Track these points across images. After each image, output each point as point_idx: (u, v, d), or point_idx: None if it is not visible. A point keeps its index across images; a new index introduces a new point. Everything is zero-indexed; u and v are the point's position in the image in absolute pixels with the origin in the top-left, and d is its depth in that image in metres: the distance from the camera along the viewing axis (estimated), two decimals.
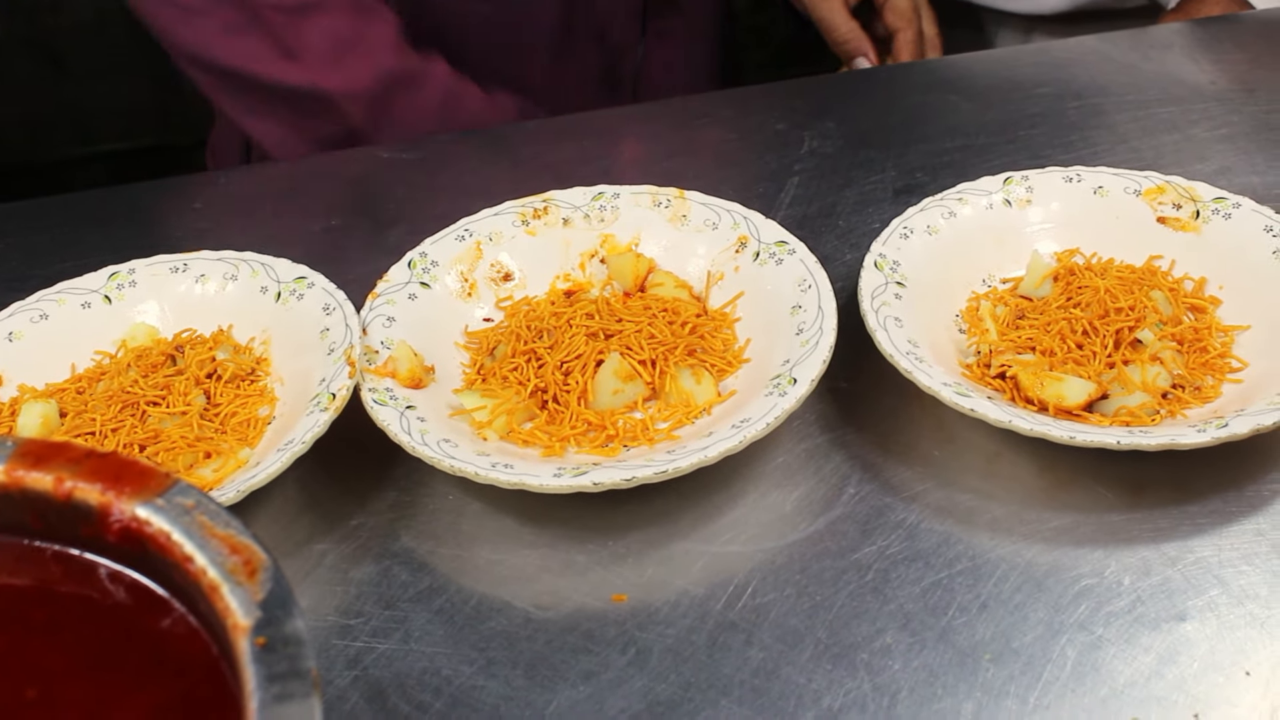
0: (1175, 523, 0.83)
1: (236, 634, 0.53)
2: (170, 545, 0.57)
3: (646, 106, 1.25)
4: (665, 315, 0.93)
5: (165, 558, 0.57)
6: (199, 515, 0.57)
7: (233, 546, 0.56)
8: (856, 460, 0.88)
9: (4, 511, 0.61)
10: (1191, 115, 1.18)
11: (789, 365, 0.87)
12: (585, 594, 0.81)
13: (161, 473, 0.59)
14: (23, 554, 0.62)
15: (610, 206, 1.01)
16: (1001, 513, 0.84)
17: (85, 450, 0.61)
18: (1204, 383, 0.90)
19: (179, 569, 0.56)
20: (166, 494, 0.58)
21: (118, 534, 0.58)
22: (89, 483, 0.59)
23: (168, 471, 0.59)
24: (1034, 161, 1.11)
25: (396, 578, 0.82)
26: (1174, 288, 0.95)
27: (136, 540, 0.58)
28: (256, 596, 0.54)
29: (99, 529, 0.59)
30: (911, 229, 0.97)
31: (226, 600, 0.54)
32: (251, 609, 0.53)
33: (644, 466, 0.81)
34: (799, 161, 1.15)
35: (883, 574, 0.81)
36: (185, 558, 0.56)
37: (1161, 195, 1.00)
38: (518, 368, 0.91)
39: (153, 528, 0.57)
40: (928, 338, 0.91)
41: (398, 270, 0.96)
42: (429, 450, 0.82)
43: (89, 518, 0.59)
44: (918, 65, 1.38)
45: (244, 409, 0.91)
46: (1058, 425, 0.83)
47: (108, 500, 0.59)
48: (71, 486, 0.59)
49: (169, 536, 0.57)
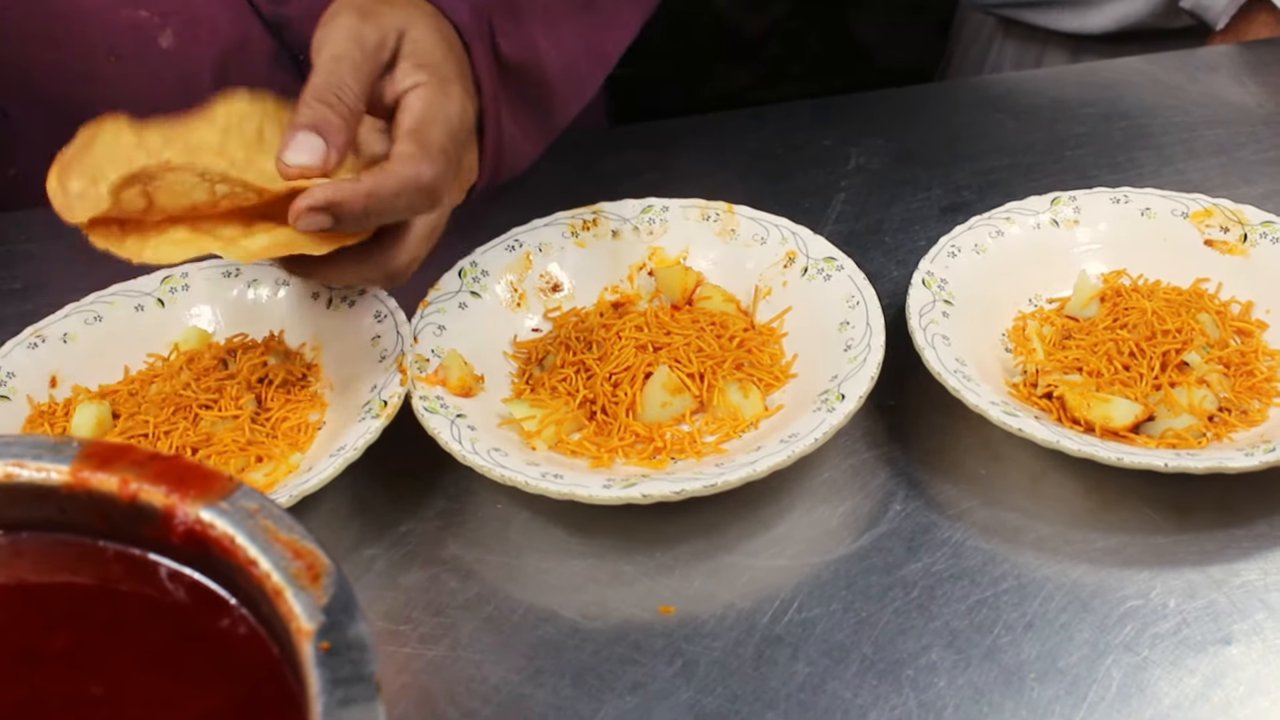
0: (1221, 546, 0.83)
1: (300, 638, 0.53)
2: (234, 548, 0.57)
3: (692, 119, 1.25)
4: (713, 329, 0.94)
5: (229, 560, 0.58)
6: (262, 519, 0.58)
7: (296, 551, 0.57)
8: (902, 477, 0.88)
9: (69, 511, 0.62)
10: (1238, 138, 1.18)
11: (837, 381, 0.88)
12: (632, 605, 0.81)
13: (225, 476, 0.60)
14: (85, 553, 0.63)
15: (659, 219, 1.02)
16: (1047, 532, 0.84)
17: (149, 453, 0.61)
18: (1250, 406, 0.90)
19: (242, 572, 0.57)
20: (230, 497, 0.59)
21: (182, 536, 0.59)
22: (154, 485, 0.60)
23: (230, 475, 0.60)
24: (1081, 182, 1.11)
25: (445, 584, 0.83)
26: (1221, 311, 0.95)
27: (200, 542, 0.59)
28: (320, 601, 0.54)
29: (163, 530, 0.60)
30: (959, 247, 0.98)
31: (290, 604, 0.55)
32: (315, 613, 0.54)
33: (693, 479, 0.81)
34: (845, 177, 1.15)
35: (928, 591, 0.81)
36: (249, 561, 0.57)
37: (1209, 218, 1.00)
38: (567, 378, 0.92)
39: (217, 530, 0.58)
40: (974, 356, 0.91)
41: (449, 279, 0.97)
42: (479, 459, 0.83)
43: (153, 519, 0.60)
44: (964, 83, 1.38)
45: (294, 414, 0.92)
46: (1105, 446, 0.83)
47: (172, 503, 0.59)
48: (137, 488, 0.60)
49: (233, 540, 0.58)
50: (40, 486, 0.61)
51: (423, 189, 0.80)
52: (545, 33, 0.96)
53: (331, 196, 0.78)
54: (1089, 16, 1.52)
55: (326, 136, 0.79)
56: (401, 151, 0.80)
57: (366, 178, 0.79)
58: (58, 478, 0.61)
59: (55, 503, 0.62)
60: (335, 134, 0.80)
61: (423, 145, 0.81)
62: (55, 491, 0.61)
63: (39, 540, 0.63)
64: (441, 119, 0.82)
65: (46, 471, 0.61)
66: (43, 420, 0.93)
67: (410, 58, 0.84)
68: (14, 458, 0.62)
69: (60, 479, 0.61)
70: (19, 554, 0.63)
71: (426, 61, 0.84)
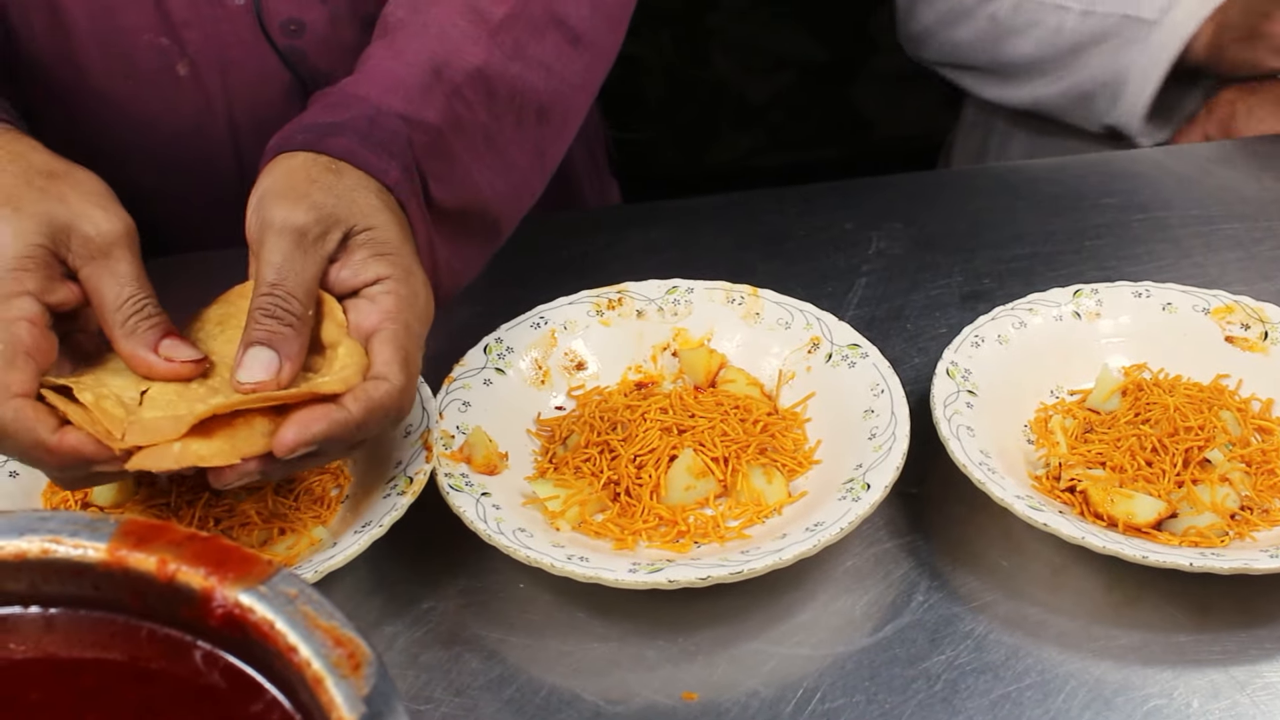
0: (1243, 646, 0.83)
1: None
2: (274, 634, 0.57)
3: (715, 198, 1.26)
4: (737, 412, 0.94)
5: (268, 646, 0.57)
6: (302, 605, 0.58)
7: (336, 639, 0.56)
8: (925, 567, 0.88)
9: (104, 589, 0.61)
10: (1255, 233, 1.19)
11: (862, 470, 0.88)
12: (655, 690, 0.81)
13: (264, 560, 0.60)
14: (119, 630, 0.62)
15: (684, 301, 1.03)
16: (1070, 627, 0.84)
17: (187, 533, 0.61)
18: (1272, 505, 0.90)
19: (281, 658, 0.57)
20: (269, 581, 0.59)
21: (220, 619, 0.59)
22: (192, 566, 0.60)
23: (270, 559, 0.60)
24: (1100, 273, 1.12)
25: (467, 665, 0.83)
26: (1242, 408, 0.96)
27: (239, 626, 0.58)
28: (361, 691, 0.54)
29: (201, 613, 0.59)
30: (983, 337, 0.98)
31: (331, 694, 0.55)
32: (356, 704, 0.54)
33: (718, 566, 0.81)
34: (867, 262, 1.16)
35: (952, 685, 0.81)
36: (289, 648, 0.57)
37: (1230, 315, 1.01)
38: (591, 458, 0.92)
39: (256, 615, 0.58)
40: (997, 446, 0.92)
41: (474, 355, 0.98)
42: (505, 539, 0.83)
43: (191, 601, 0.60)
44: (982, 170, 1.39)
45: (317, 486, 0.92)
46: (1129, 544, 0.83)
47: (210, 585, 0.59)
48: (175, 569, 0.60)
49: (272, 625, 0.57)
50: (77, 563, 0.61)
51: (402, 412, 0.81)
52: (486, 162, 0.94)
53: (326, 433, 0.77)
54: (1008, 89, 1.58)
55: (279, 349, 0.79)
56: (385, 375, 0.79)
57: (354, 407, 0.78)
58: (95, 555, 0.61)
59: (91, 580, 0.62)
60: (287, 345, 0.79)
61: (404, 366, 0.80)
62: (92, 569, 0.61)
63: (72, 617, 0.63)
64: (413, 321, 0.82)
65: (84, 548, 0.61)
66: None
67: (368, 246, 0.83)
68: (51, 534, 0.62)
69: (97, 556, 0.61)
70: (51, 629, 0.63)
71: (386, 251, 0.83)
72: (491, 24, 0.94)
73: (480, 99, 0.92)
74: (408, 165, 0.87)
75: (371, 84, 0.90)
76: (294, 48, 1.10)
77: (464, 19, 0.93)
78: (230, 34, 1.09)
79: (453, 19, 0.93)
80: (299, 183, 0.83)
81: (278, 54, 1.11)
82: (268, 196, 0.82)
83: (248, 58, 1.11)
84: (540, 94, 0.96)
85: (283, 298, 0.80)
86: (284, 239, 0.81)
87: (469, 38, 0.93)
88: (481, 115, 0.92)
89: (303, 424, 0.77)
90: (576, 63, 0.99)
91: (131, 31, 1.08)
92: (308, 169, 0.84)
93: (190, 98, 1.12)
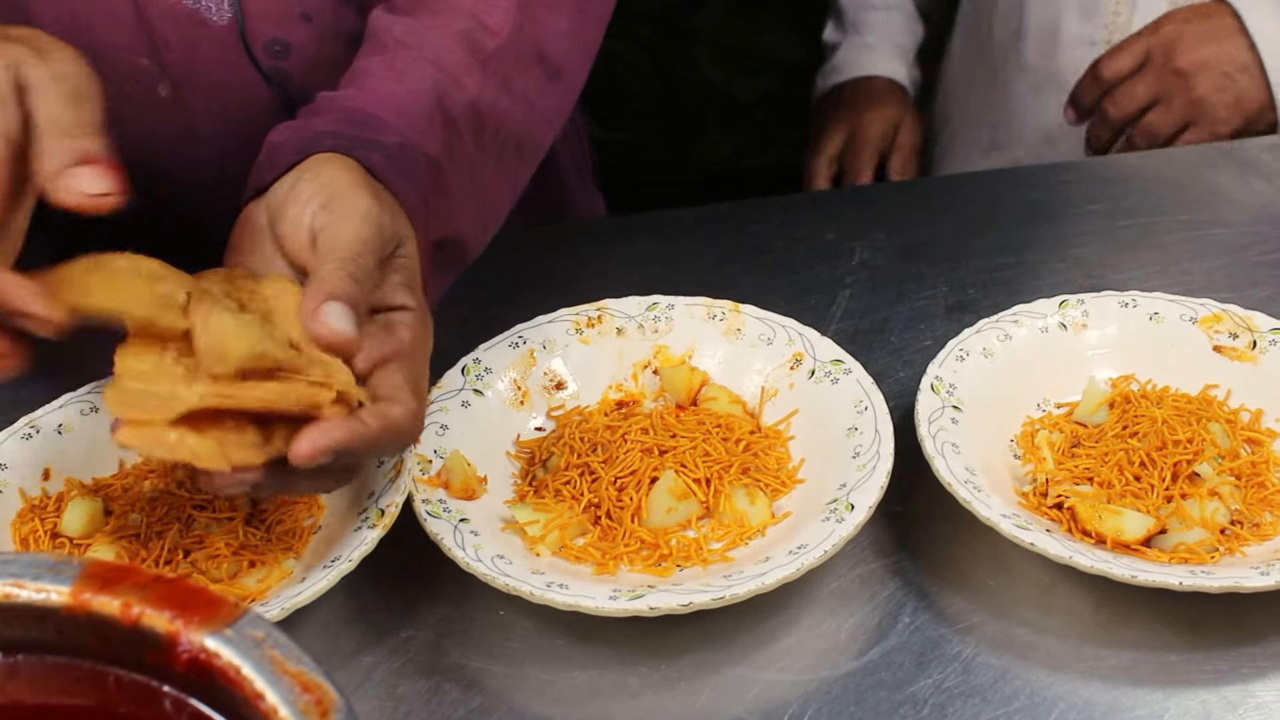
0: (1234, 665, 0.82)
1: None
2: (240, 680, 0.56)
3: (698, 210, 1.24)
4: (719, 431, 0.93)
5: (234, 692, 0.56)
6: (269, 649, 0.56)
7: (304, 685, 0.55)
8: (911, 588, 0.87)
9: (68, 633, 0.60)
10: (1244, 238, 1.17)
11: (846, 490, 0.87)
12: (638, 718, 0.80)
13: (230, 602, 0.58)
14: (84, 676, 0.61)
15: (664, 317, 1.01)
16: (1058, 648, 0.83)
17: (152, 575, 0.60)
18: (1262, 519, 0.89)
19: (248, 704, 0.56)
20: (235, 624, 0.58)
21: (186, 664, 0.57)
22: (156, 609, 0.58)
23: (236, 601, 0.59)
24: (1086, 281, 1.11)
25: (447, 695, 0.81)
26: (1231, 419, 0.95)
27: (205, 672, 0.57)
28: None
29: (166, 658, 0.58)
30: (967, 351, 0.97)
31: None
32: None
33: (701, 592, 0.80)
34: (850, 274, 1.14)
35: (939, 709, 0.79)
36: (256, 694, 0.55)
37: (1218, 324, 0.99)
38: (571, 481, 0.90)
39: (222, 660, 0.57)
40: (983, 463, 0.90)
41: (451, 376, 0.96)
42: (483, 567, 0.82)
43: (156, 645, 0.58)
44: (965, 177, 1.38)
45: (289, 517, 0.90)
46: (1119, 563, 0.82)
47: (175, 629, 0.58)
48: (139, 612, 0.58)
49: (239, 671, 0.56)
50: (39, 608, 0.60)
51: (413, 438, 0.79)
52: (469, 194, 0.93)
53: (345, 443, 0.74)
54: None
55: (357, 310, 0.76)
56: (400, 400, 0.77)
57: (374, 422, 0.75)
58: (58, 599, 0.60)
59: (54, 624, 0.60)
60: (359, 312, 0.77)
61: (416, 393, 0.78)
62: (55, 613, 0.60)
63: (37, 662, 0.61)
64: (424, 356, 0.81)
65: (46, 592, 0.60)
66: (33, 515, 0.91)
67: (402, 271, 0.81)
68: (13, 577, 0.60)
69: (60, 600, 0.60)
70: (15, 675, 0.61)
71: (414, 281, 0.82)
72: (484, 55, 0.92)
73: (471, 132, 0.91)
74: (424, 196, 0.86)
75: (380, 105, 0.88)
76: (279, 68, 1.08)
77: (460, 47, 0.92)
78: (213, 55, 1.07)
79: (450, 46, 0.92)
80: (368, 182, 0.81)
81: (262, 75, 1.09)
82: (343, 186, 0.80)
83: (231, 79, 1.09)
84: (520, 128, 0.95)
85: (362, 270, 0.77)
86: (368, 225, 0.79)
87: (464, 67, 0.91)
88: (470, 148, 0.91)
89: (324, 430, 0.73)
90: (554, 97, 0.98)
91: (111, 51, 1.06)
92: (361, 173, 0.82)
93: (172, 119, 1.11)
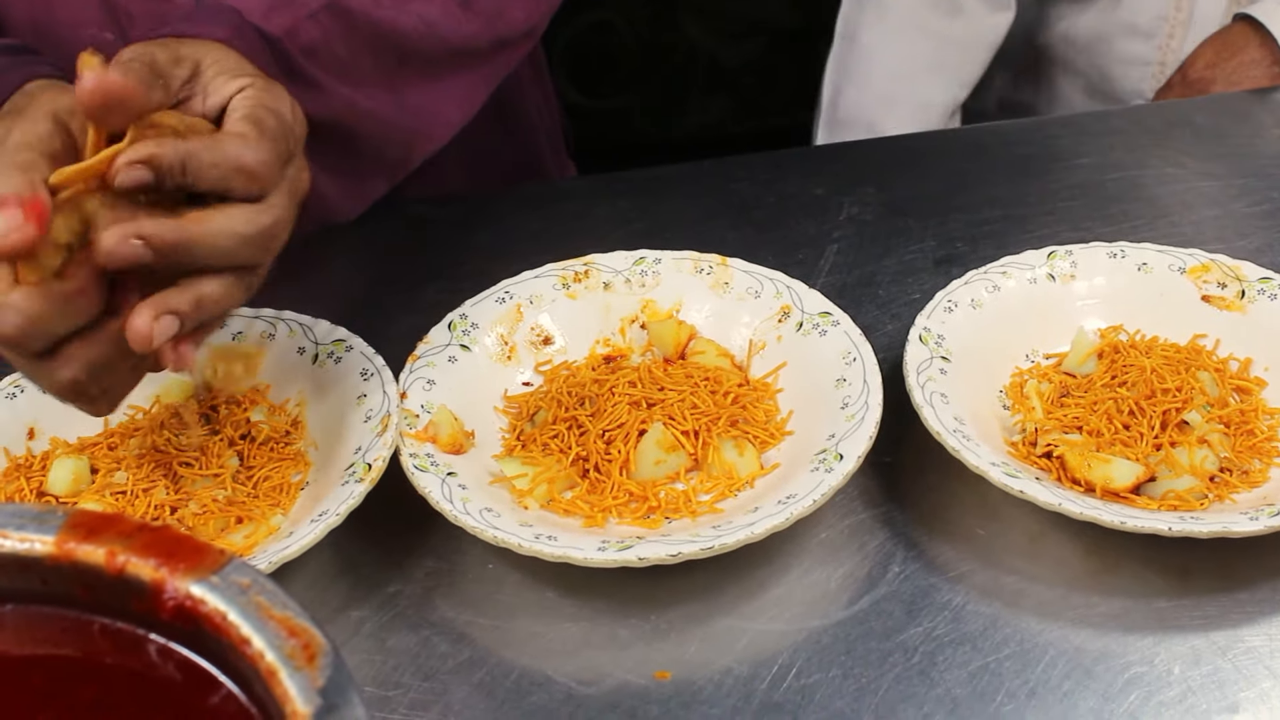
0: (1224, 610, 0.82)
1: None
2: (226, 626, 0.55)
3: (683, 167, 1.24)
4: (707, 384, 0.93)
5: (221, 638, 0.56)
6: (255, 595, 0.56)
7: (291, 629, 0.55)
8: (900, 537, 0.87)
9: (53, 583, 0.60)
10: (1231, 190, 1.17)
11: (834, 440, 0.86)
12: (628, 670, 0.79)
13: (216, 550, 0.58)
14: (69, 625, 0.61)
15: (651, 271, 1.01)
16: (1048, 595, 0.83)
17: (137, 524, 0.59)
18: (1251, 466, 0.89)
19: (235, 650, 0.55)
20: (221, 571, 0.57)
21: (171, 612, 0.57)
22: (142, 558, 0.58)
23: (222, 549, 0.58)
24: (1074, 234, 1.11)
25: (435, 648, 0.81)
26: (1220, 368, 0.94)
27: (191, 619, 0.57)
28: (316, 683, 0.53)
29: (152, 605, 0.57)
30: (955, 302, 0.96)
31: (285, 686, 0.53)
32: (312, 696, 0.52)
33: (689, 542, 0.80)
34: (838, 229, 1.14)
35: (929, 657, 0.79)
36: (242, 640, 0.55)
37: (1206, 274, 0.99)
38: (559, 435, 0.90)
39: (208, 607, 0.56)
40: (972, 413, 0.90)
41: (438, 332, 0.96)
42: (471, 519, 0.81)
43: (141, 593, 0.58)
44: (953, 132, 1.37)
45: (277, 473, 0.90)
46: (1108, 509, 0.82)
47: (161, 576, 0.57)
48: (124, 561, 0.58)
49: (225, 617, 0.56)
50: (24, 557, 0.59)
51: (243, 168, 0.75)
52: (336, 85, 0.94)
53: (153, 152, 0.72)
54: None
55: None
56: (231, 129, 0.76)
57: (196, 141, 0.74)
58: (42, 549, 0.59)
59: (39, 574, 0.60)
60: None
61: (256, 125, 0.76)
62: (39, 563, 0.59)
63: (21, 612, 0.61)
64: (274, 110, 0.78)
65: (30, 542, 0.59)
66: (19, 474, 0.91)
67: (223, 73, 0.80)
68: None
69: (45, 550, 0.59)
70: (1, 626, 0.61)
71: (244, 71, 0.80)
72: None
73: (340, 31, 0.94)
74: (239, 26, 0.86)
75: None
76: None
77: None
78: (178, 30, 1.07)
79: None
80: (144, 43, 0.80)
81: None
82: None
83: None
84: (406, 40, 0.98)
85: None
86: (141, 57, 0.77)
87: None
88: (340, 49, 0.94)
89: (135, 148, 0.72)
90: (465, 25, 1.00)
91: (72, 26, 1.05)
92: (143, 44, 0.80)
93: None
